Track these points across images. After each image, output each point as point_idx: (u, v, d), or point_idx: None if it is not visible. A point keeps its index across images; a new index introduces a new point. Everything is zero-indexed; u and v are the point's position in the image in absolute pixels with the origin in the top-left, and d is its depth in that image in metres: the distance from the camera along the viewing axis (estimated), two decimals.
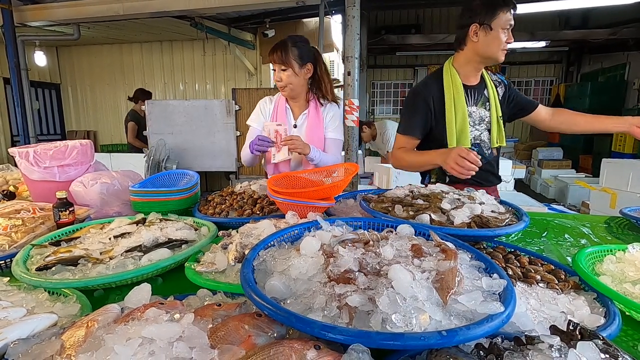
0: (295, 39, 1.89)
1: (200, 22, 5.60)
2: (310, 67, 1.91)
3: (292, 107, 2.02)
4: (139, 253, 1.06)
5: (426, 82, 1.75)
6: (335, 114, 2.00)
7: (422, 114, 1.70)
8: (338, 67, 11.53)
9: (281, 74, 1.87)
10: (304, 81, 1.93)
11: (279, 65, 1.86)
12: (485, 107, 1.75)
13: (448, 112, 1.67)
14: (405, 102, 1.80)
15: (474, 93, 1.72)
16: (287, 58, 1.84)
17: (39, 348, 0.60)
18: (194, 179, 1.66)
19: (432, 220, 1.12)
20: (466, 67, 1.70)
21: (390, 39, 7.86)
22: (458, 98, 1.67)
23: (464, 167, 1.40)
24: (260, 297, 0.62)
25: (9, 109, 7.24)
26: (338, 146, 2.03)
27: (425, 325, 0.58)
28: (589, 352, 0.52)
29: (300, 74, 1.89)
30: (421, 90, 1.72)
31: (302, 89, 1.96)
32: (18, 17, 5.13)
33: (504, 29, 1.57)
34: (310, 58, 1.91)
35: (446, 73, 1.70)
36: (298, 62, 1.86)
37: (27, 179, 1.65)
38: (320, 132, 1.98)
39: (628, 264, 0.96)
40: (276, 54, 1.85)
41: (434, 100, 1.69)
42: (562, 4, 5.87)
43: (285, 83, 1.89)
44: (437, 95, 1.69)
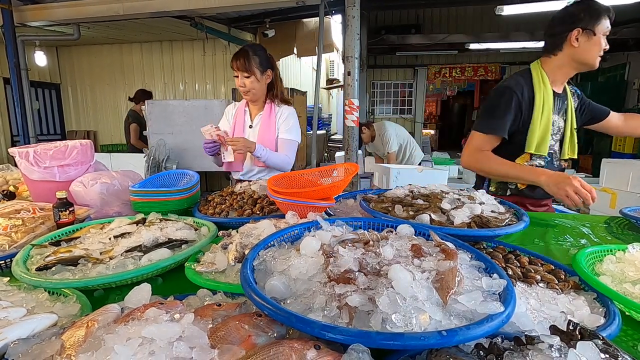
0: (256, 48, 2.05)
1: (200, 22, 5.60)
2: (270, 73, 2.09)
3: (251, 109, 2.20)
4: (139, 253, 1.06)
5: (518, 81, 1.65)
6: (289, 115, 2.12)
7: (514, 113, 1.61)
8: (338, 67, 11.54)
9: (244, 80, 2.03)
10: (264, 86, 2.10)
11: (242, 72, 2.01)
12: (564, 117, 1.71)
13: (535, 115, 1.61)
14: (492, 98, 1.68)
15: (559, 101, 1.68)
16: (250, 66, 1.99)
17: (39, 348, 0.60)
18: (194, 179, 1.66)
19: (432, 220, 1.12)
20: (557, 73, 1.65)
21: (390, 39, 7.86)
22: (547, 104, 1.61)
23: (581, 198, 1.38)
24: (260, 297, 0.62)
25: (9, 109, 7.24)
26: (290, 146, 2.12)
27: (425, 325, 0.58)
28: (589, 352, 0.52)
29: (262, 80, 2.06)
30: (515, 89, 1.62)
31: (263, 93, 2.12)
32: (18, 17, 5.13)
33: (604, 34, 1.55)
34: (269, 65, 2.07)
35: (536, 76, 1.64)
36: (259, 69, 2.03)
37: (27, 179, 1.65)
38: (272, 132, 2.11)
39: (628, 264, 0.96)
40: (239, 61, 1.99)
41: (525, 101, 1.62)
42: (562, 4, 5.85)
43: (248, 88, 2.05)
44: (527, 97, 1.62)
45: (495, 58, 9.47)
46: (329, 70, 11.91)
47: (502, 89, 1.65)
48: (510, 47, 8.41)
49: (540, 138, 1.63)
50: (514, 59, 9.39)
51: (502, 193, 1.77)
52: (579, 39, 1.56)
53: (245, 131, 2.17)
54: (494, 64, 9.53)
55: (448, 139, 12.90)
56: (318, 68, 5.08)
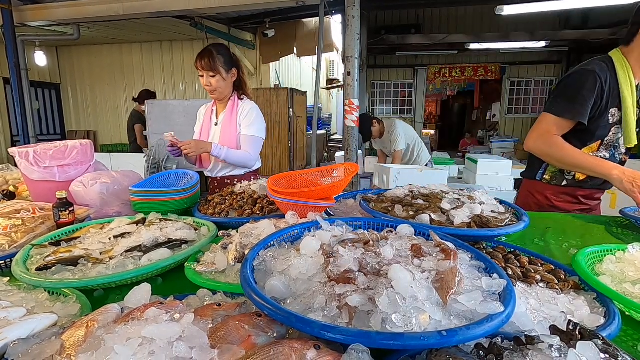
0: (219, 48, 2.07)
1: (200, 22, 5.61)
2: (235, 72, 2.11)
3: (217, 107, 2.22)
4: (139, 253, 1.06)
5: (602, 66, 1.54)
6: (250, 110, 2.12)
7: (593, 98, 1.51)
8: (338, 67, 11.54)
9: (210, 79, 2.04)
10: (230, 85, 2.12)
11: (207, 71, 2.02)
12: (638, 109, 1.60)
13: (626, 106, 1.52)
14: (573, 80, 1.56)
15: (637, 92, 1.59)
16: (215, 65, 2.00)
17: (39, 348, 0.60)
18: (194, 179, 1.66)
19: (432, 220, 1.12)
20: (634, 64, 1.54)
21: (390, 39, 7.86)
22: (633, 92, 1.52)
23: None
24: (260, 297, 0.62)
25: (9, 109, 7.24)
26: (253, 143, 2.11)
27: (425, 325, 0.58)
28: (589, 352, 0.52)
29: (227, 79, 2.08)
30: (600, 73, 1.50)
31: (229, 92, 2.14)
32: (18, 17, 5.14)
33: None
34: (233, 63, 2.10)
35: (620, 63, 1.54)
36: (225, 68, 2.05)
37: (27, 179, 1.65)
38: (234, 129, 2.11)
39: (628, 264, 0.96)
40: (204, 61, 2.00)
41: (608, 88, 1.51)
42: (562, 4, 5.87)
43: (214, 87, 2.06)
44: (611, 84, 1.52)
45: (495, 58, 9.48)
46: (329, 70, 11.92)
47: (586, 72, 1.54)
48: (510, 47, 8.42)
49: (633, 129, 1.55)
50: (514, 59, 9.40)
51: (556, 183, 1.71)
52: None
53: (212, 129, 2.19)
54: (494, 64, 9.54)
55: (448, 139, 12.89)
56: (318, 68, 5.09)
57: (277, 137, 5.67)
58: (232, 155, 2.05)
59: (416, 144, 4.48)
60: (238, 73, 2.14)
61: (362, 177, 4.70)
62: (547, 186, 1.78)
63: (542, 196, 1.80)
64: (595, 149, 1.62)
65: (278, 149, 5.74)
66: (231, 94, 2.16)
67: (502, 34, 7.86)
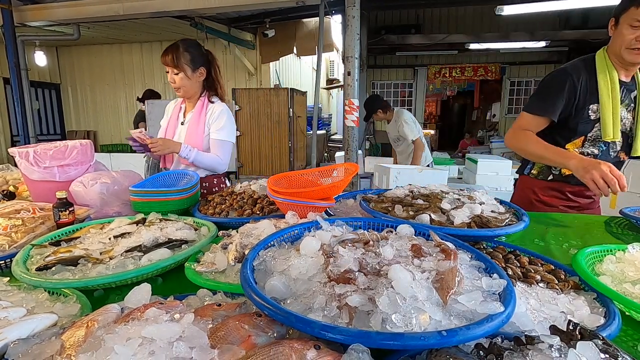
0: (188, 44, 1.96)
1: (200, 22, 5.60)
2: (203, 71, 2.00)
3: (187, 105, 2.12)
4: (139, 253, 1.06)
5: (576, 65, 1.62)
6: (221, 113, 2.02)
7: (566, 97, 1.57)
8: (338, 67, 11.54)
9: (174, 76, 1.95)
10: (197, 84, 2.01)
11: (171, 68, 1.93)
12: (628, 108, 1.63)
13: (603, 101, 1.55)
14: (545, 81, 1.67)
15: (622, 90, 1.60)
16: (179, 62, 1.91)
17: (39, 348, 0.60)
18: (194, 179, 1.66)
19: (432, 220, 1.12)
20: (614, 61, 1.58)
21: (390, 39, 7.87)
22: (614, 88, 1.56)
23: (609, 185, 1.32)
24: (260, 297, 0.62)
25: (9, 109, 7.25)
26: (223, 147, 2.02)
27: (425, 325, 0.58)
28: (589, 352, 0.52)
29: (193, 77, 1.97)
30: (570, 72, 1.58)
31: (197, 91, 2.04)
32: (18, 17, 5.14)
33: (631, 25, 1.45)
34: (203, 62, 1.99)
35: (600, 61, 1.59)
36: (190, 66, 1.94)
37: (27, 179, 1.65)
38: (201, 130, 2.02)
39: (628, 264, 0.96)
40: (168, 57, 1.91)
41: (582, 86, 1.57)
42: (562, 4, 5.87)
43: (178, 85, 1.97)
44: (586, 82, 1.58)
45: (495, 58, 9.47)
46: (329, 70, 11.92)
47: (559, 72, 1.63)
48: (510, 47, 8.42)
49: (613, 124, 1.57)
50: (514, 59, 9.40)
51: (543, 177, 1.75)
52: (612, 29, 1.54)
53: (178, 127, 2.10)
54: (494, 64, 9.53)
55: (448, 139, 12.89)
56: (318, 68, 5.09)
57: (277, 137, 5.67)
58: (200, 158, 1.96)
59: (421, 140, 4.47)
60: (209, 72, 2.04)
61: (362, 177, 4.70)
62: (534, 181, 1.81)
63: (530, 191, 1.82)
64: (579, 144, 1.65)
65: (278, 149, 5.74)
66: (201, 94, 2.06)
67: (502, 34, 7.86)
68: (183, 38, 2.01)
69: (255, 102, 5.44)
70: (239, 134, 5.56)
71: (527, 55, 9.32)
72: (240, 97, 5.43)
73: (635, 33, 1.46)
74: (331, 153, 7.58)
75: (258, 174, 5.70)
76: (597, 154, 1.65)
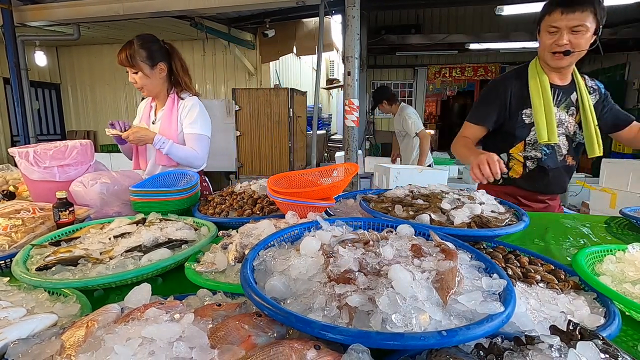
0: (144, 39, 1.86)
1: (200, 22, 5.60)
2: (163, 67, 1.90)
3: (157, 103, 2.05)
4: (139, 253, 1.06)
5: (506, 76, 1.76)
6: (192, 106, 1.95)
7: (497, 105, 1.69)
8: (338, 67, 11.53)
9: (133, 76, 1.88)
10: (159, 80, 1.93)
11: (128, 67, 1.85)
12: (568, 111, 1.69)
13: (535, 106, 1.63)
14: (481, 92, 1.81)
15: (558, 93, 1.68)
16: (135, 61, 1.82)
17: (38, 348, 0.60)
18: (194, 179, 1.66)
19: (432, 220, 1.12)
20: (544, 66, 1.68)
21: (390, 39, 7.86)
22: (544, 92, 1.64)
23: (484, 173, 1.42)
24: (260, 297, 0.62)
25: (9, 109, 7.24)
26: (199, 141, 1.95)
27: (425, 325, 0.58)
28: (589, 352, 0.52)
29: (153, 75, 1.89)
30: (499, 83, 1.72)
31: (161, 87, 1.96)
32: (18, 17, 5.13)
33: (549, 31, 1.55)
34: (162, 57, 1.89)
35: (532, 68, 1.69)
36: (148, 64, 1.85)
37: (27, 179, 1.65)
38: (174, 127, 1.96)
39: (628, 264, 0.96)
40: (122, 56, 1.82)
41: (511, 94, 1.68)
42: None
43: (139, 85, 1.90)
44: (516, 90, 1.68)
45: (495, 58, 9.47)
46: (329, 70, 11.91)
47: (490, 82, 1.78)
48: (510, 47, 8.41)
49: (548, 126, 1.63)
50: (514, 59, 9.38)
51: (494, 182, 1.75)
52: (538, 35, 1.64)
53: (149, 127, 2.03)
54: (494, 64, 9.53)
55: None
56: (318, 68, 5.09)
57: (277, 137, 5.67)
58: (176, 149, 1.87)
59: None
60: (169, 68, 1.93)
61: (362, 177, 4.71)
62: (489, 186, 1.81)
63: None
64: (521, 149, 1.74)
65: (278, 149, 5.74)
66: (170, 90, 1.98)
67: (502, 34, 7.85)
68: (139, 34, 1.90)
69: (255, 102, 5.44)
70: (239, 134, 5.56)
71: (527, 55, 9.26)
72: (240, 97, 5.43)
73: (552, 38, 1.56)
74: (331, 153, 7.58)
75: (258, 174, 5.70)
76: (541, 157, 1.71)
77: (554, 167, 1.71)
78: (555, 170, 1.72)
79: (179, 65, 1.96)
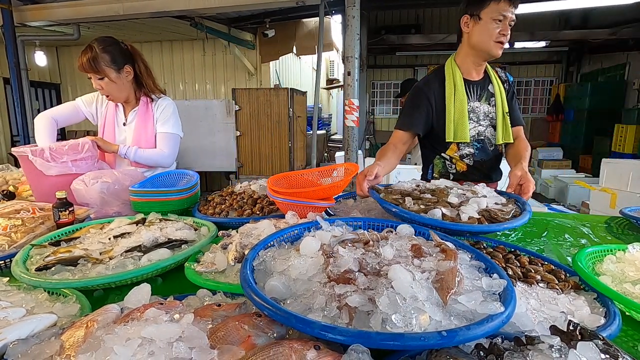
0: (105, 43, 1.76)
1: (200, 22, 5.60)
2: (129, 69, 1.82)
3: (124, 105, 1.96)
4: (138, 253, 1.06)
5: (428, 79, 1.75)
6: (166, 107, 1.92)
7: (423, 109, 1.68)
8: (338, 67, 11.53)
9: (99, 82, 1.78)
10: (126, 84, 1.85)
11: (92, 74, 1.75)
12: (490, 102, 1.72)
13: (447, 106, 1.65)
14: (406, 99, 1.78)
15: (477, 88, 1.70)
16: (99, 66, 1.73)
17: (38, 348, 0.60)
18: (194, 179, 1.66)
19: (444, 215, 1.10)
20: (466, 61, 1.68)
21: (390, 39, 7.86)
22: (457, 92, 1.65)
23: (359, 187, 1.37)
24: (260, 297, 0.62)
25: (9, 109, 7.24)
26: (167, 140, 1.91)
27: (425, 325, 0.58)
28: (589, 352, 0.52)
29: (119, 80, 1.80)
30: (422, 87, 1.71)
31: (128, 91, 1.88)
32: (18, 17, 5.13)
33: (495, 19, 1.52)
34: (126, 59, 1.81)
35: (447, 68, 1.69)
36: (113, 68, 1.76)
37: (33, 178, 1.67)
38: (150, 128, 1.91)
39: (628, 264, 0.96)
40: (84, 60, 1.73)
41: (435, 96, 1.67)
42: (562, 4, 5.87)
43: (106, 92, 1.81)
44: (438, 91, 1.68)
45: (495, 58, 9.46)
46: (329, 70, 11.91)
47: (414, 89, 1.74)
48: (509, 47, 8.41)
49: (456, 125, 1.65)
50: (514, 59, 9.40)
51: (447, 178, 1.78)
52: (469, 24, 1.60)
53: (118, 129, 1.95)
54: (493, 64, 9.52)
55: None
56: (318, 68, 5.09)
57: (277, 137, 5.67)
58: (141, 153, 1.83)
59: None
60: (135, 69, 1.85)
61: None
62: None
63: None
64: (455, 149, 1.73)
65: (278, 149, 5.73)
66: (139, 93, 1.91)
67: None
68: (98, 37, 1.79)
69: (255, 102, 5.44)
70: (239, 134, 5.55)
71: (527, 55, 9.32)
72: (240, 97, 5.43)
73: (498, 27, 1.53)
74: (331, 153, 7.57)
75: (258, 174, 5.69)
76: (474, 152, 1.72)
77: (487, 158, 1.73)
78: (488, 161, 1.74)
79: (142, 67, 1.88)
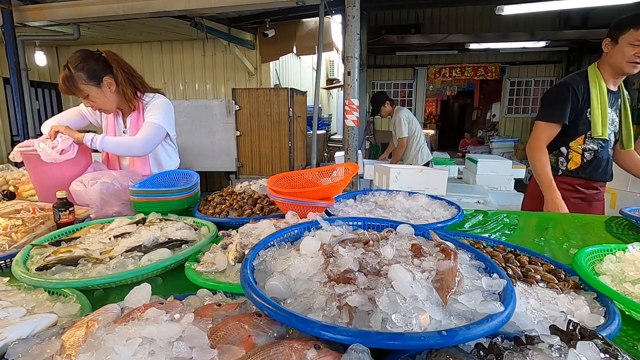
0: (77, 60, 1.71)
1: (200, 22, 5.59)
2: (109, 80, 1.78)
3: (122, 112, 1.95)
4: (139, 253, 1.06)
5: (574, 77, 1.97)
6: (156, 103, 1.87)
7: (571, 103, 1.91)
8: (338, 67, 11.52)
9: (85, 100, 1.79)
10: (112, 95, 1.81)
11: (75, 95, 1.76)
12: (617, 112, 1.99)
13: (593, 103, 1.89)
14: (552, 92, 2.00)
15: (611, 97, 1.94)
16: (77, 86, 1.71)
17: (39, 348, 0.60)
18: (194, 179, 1.66)
19: None
20: (606, 73, 1.93)
21: (390, 39, 7.85)
22: (601, 93, 1.90)
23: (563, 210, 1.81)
24: (260, 297, 0.62)
25: (9, 109, 7.24)
26: (146, 127, 1.81)
27: (425, 325, 0.58)
28: (589, 351, 0.52)
29: (103, 92, 1.78)
30: (571, 83, 1.93)
31: (119, 100, 1.85)
32: (18, 17, 5.13)
33: (632, 44, 1.79)
34: (104, 70, 1.76)
35: (591, 72, 1.94)
36: (92, 84, 1.74)
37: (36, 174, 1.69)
38: None
39: (628, 264, 0.96)
40: (62, 85, 1.72)
41: (581, 91, 1.91)
42: (562, 4, 5.86)
43: (97, 106, 1.82)
44: (583, 87, 1.91)
45: (495, 58, 9.47)
46: (329, 70, 11.90)
47: (561, 84, 1.97)
48: (510, 47, 8.41)
49: (603, 121, 1.91)
50: (514, 59, 9.39)
51: (554, 173, 2.01)
52: (608, 46, 1.89)
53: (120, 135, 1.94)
54: (494, 63, 9.53)
55: (448, 139, 12.89)
56: (318, 68, 5.08)
57: (277, 137, 5.67)
58: (109, 140, 1.75)
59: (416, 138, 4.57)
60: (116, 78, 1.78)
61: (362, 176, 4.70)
62: None
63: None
64: (581, 142, 1.98)
65: (278, 149, 5.73)
66: (132, 98, 1.86)
67: (502, 34, 7.85)
68: (71, 56, 1.74)
69: (255, 102, 5.44)
70: (239, 134, 5.55)
71: (527, 55, 9.31)
72: (240, 97, 5.43)
73: (635, 50, 1.80)
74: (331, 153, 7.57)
75: (258, 174, 5.69)
76: (598, 149, 1.97)
77: (606, 157, 1.99)
78: (607, 160, 2.00)
79: (121, 75, 1.80)
